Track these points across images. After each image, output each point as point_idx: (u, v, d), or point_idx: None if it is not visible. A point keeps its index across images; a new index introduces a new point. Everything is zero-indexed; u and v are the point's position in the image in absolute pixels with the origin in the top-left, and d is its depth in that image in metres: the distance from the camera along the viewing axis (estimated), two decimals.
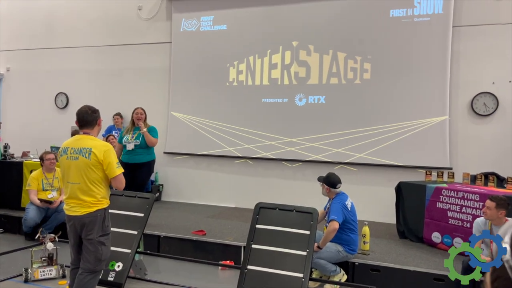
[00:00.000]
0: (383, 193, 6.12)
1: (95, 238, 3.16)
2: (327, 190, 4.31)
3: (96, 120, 3.30)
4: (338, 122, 6.56)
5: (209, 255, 4.89)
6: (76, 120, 3.29)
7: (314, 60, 6.73)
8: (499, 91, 5.86)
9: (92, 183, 3.15)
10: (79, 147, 3.16)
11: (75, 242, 3.27)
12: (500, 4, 5.88)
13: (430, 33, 6.11)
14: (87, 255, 3.18)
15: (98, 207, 3.17)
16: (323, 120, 6.64)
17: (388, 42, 6.34)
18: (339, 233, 4.13)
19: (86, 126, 3.26)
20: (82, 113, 3.25)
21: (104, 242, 3.22)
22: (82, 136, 3.24)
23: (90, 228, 3.15)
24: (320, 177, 4.44)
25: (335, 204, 4.19)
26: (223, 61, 7.28)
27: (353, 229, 4.23)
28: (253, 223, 3.93)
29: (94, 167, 3.13)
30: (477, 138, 5.97)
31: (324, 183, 4.34)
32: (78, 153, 3.15)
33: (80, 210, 3.15)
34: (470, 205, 4.59)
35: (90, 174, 3.13)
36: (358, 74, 6.51)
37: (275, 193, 6.68)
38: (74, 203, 3.17)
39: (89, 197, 3.14)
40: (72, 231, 3.24)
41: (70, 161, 3.16)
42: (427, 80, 6.12)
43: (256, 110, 7.04)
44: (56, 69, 8.61)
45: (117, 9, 8.05)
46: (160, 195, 7.55)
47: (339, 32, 6.60)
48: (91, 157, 3.11)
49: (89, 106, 3.30)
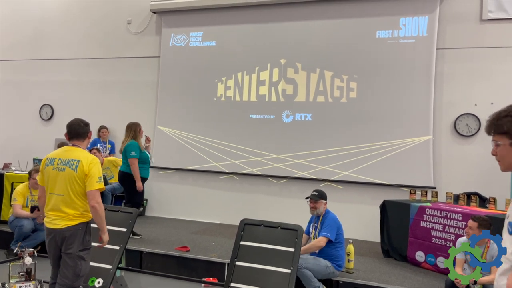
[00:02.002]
0: (368, 211, 6.14)
1: (74, 253, 3.09)
2: (325, 204, 4.35)
3: (87, 133, 3.28)
4: (324, 140, 6.60)
5: (192, 272, 4.82)
6: (66, 132, 3.25)
7: (302, 78, 6.80)
8: (481, 112, 5.99)
9: (76, 196, 3.09)
10: (67, 158, 3.13)
11: (54, 256, 3.19)
12: (482, 28, 6.05)
13: (414, 54, 6.25)
14: (66, 270, 3.10)
15: (80, 221, 3.11)
16: (310, 137, 6.68)
17: (374, 62, 6.45)
18: (329, 249, 4.16)
19: (76, 138, 3.23)
20: (74, 125, 3.23)
21: (84, 257, 3.15)
22: (72, 148, 3.20)
23: (71, 241, 3.08)
24: (313, 195, 4.37)
25: (330, 220, 4.23)
26: (211, 77, 7.32)
27: (341, 244, 4.30)
28: (237, 240, 3.90)
29: (79, 180, 3.08)
30: (460, 158, 6.07)
31: (322, 199, 4.33)
32: (65, 164, 3.11)
33: (61, 223, 3.08)
34: (453, 224, 4.63)
35: (74, 186, 3.08)
36: (345, 93, 6.59)
37: (260, 210, 6.66)
38: (55, 216, 3.10)
39: (72, 210, 3.09)
40: (52, 245, 3.16)
41: (56, 172, 3.11)
42: (411, 100, 6.22)
43: (243, 126, 7.06)
44: (43, 81, 8.54)
45: (107, 23, 8.06)
46: (144, 210, 7.45)
47: (326, 51, 6.70)
48: (77, 169, 3.07)
49: (81, 119, 3.28)
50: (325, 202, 4.36)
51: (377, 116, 6.38)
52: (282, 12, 6.94)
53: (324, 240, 4.13)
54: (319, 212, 4.36)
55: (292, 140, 6.76)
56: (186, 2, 7.37)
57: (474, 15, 6.09)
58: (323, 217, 4.31)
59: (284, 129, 6.83)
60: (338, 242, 4.24)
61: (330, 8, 6.69)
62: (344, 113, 6.56)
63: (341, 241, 4.28)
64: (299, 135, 6.73)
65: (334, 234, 4.16)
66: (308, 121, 6.73)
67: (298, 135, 6.74)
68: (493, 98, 5.91)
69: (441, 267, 4.68)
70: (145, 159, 5.49)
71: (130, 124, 5.55)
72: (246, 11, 7.13)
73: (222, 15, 7.28)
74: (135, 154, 5.30)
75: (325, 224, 4.22)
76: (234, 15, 7.21)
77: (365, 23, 6.51)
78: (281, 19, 6.94)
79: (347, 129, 6.51)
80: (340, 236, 4.28)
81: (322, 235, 4.14)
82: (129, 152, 5.33)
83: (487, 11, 5.99)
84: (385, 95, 6.36)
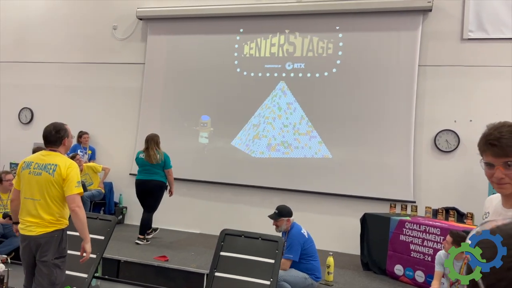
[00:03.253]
0: (348, 224, 6.16)
1: (50, 260, 3.00)
2: (288, 221, 4.30)
3: (61, 140, 3.16)
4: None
5: (171, 282, 4.75)
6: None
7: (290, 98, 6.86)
8: (461, 129, 6.11)
9: (53, 201, 3.02)
10: (44, 162, 3.07)
11: (29, 264, 3.10)
12: (463, 47, 6.21)
13: (397, 70, 6.35)
14: (40, 278, 3.01)
15: (55, 227, 3.03)
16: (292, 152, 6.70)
17: (357, 76, 6.53)
18: (301, 264, 4.16)
19: (50, 145, 3.16)
20: (45, 132, 3.15)
21: (60, 265, 3.07)
22: (49, 153, 3.14)
23: (46, 249, 3.00)
24: (272, 215, 4.36)
25: (291, 239, 4.19)
26: (195, 85, 7.29)
27: (314, 256, 4.25)
28: (217, 250, 3.86)
29: (56, 184, 3.02)
30: (439, 174, 6.17)
31: (282, 216, 4.29)
32: (42, 168, 3.04)
33: (36, 230, 2.99)
34: (431, 238, 4.69)
35: (51, 191, 3.01)
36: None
37: (242, 220, 6.62)
38: (30, 222, 3.01)
39: (48, 215, 3.01)
40: (26, 252, 3.07)
41: (32, 176, 3.04)
42: (393, 116, 6.31)
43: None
44: (23, 84, 8.37)
45: (92, 27, 7.98)
46: (123, 217, 7.32)
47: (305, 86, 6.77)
48: (54, 174, 3.01)
49: (54, 125, 3.17)
50: (287, 219, 4.30)
51: (360, 130, 6.44)
52: (267, 24, 6.99)
53: (287, 263, 4.11)
54: (282, 229, 4.33)
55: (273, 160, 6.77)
56: (173, 10, 7.36)
57: (455, 34, 6.25)
58: (288, 234, 4.30)
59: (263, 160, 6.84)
60: (309, 256, 4.20)
61: (309, 23, 6.76)
62: (324, 125, 6.60)
63: (311, 254, 4.24)
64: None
65: (297, 254, 4.13)
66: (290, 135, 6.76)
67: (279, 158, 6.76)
68: (472, 115, 6.05)
69: (420, 281, 4.72)
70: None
71: (152, 136, 5.86)
72: (232, 21, 7.16)
73: (208, 24, 7.29)
74: (172, 165, 5.86)
75: (287, 243, 4.19)
76: (220, 24, 7.23)
77: (348, 37, 6.60)
78: (269, 31, 6.98)
79: (328, 139, 6.56)
80: (310, 249, 4.23)
81: (284, 257, 4.06)
82: (168, 163, 5.81)
83: (468, 31, 6.16)
84: (368, 109, 6.44)
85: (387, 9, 6.37)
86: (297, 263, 4.18)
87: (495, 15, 6.04)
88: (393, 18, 6.42)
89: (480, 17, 6.11)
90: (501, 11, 6.03)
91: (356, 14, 6.54)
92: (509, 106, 5.93)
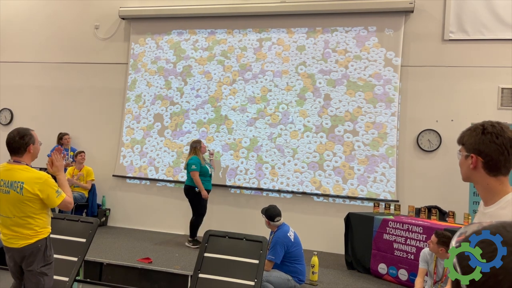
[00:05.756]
0: (332, 224, 6.20)
1: (36, 270, 2.87)
2: (267, 223, 4.37)
3: (25, 146, 2.82)
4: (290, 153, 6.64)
5: (154, 284, 4.70)
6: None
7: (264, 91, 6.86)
8: (442, 128, 6.20)
9: (29, 217, 2.80)
10: (9, 180, 2.78)
11: (16, 272, 2.97)
12: (444, 47, 6.30)
13: (380, 70, 6.41)
14: (29, 286, 2.92)
15: (38, 238, 2.86)
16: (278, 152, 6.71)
17: (339, 75, 6.58)
18: (285, 266, 4.17)
19: (13, 153, 2.83)
20: (9, 138, 2.81)
21: (47, 273, 2.93)
22: (13, 166, 2.82)
23: (31, 260, 2.85)
24: (262, 209, 4.48)
25: (274, 241, 4.21)
26: (178, 85, 7.24)
27: (299, 259, 4.25)
28: (201, 251, 3.83)
29: (28, 202, 2.77)
30: (421, 173, 6.24)
31: (264, 215, 4.37)
32: (9, 186, 2.77)
33: (18, 242, 2.82)
34: (414, 237, 4.74)
35: (25, 208, 2.78)
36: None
37: (227, 221, 6.59)
38: (10, 235, 2.84)
39: (27, 230, 2.82)
40: (12, 262, 2.94)
41: (1, 194, 2.80)
42: (376, 115, 6.37)
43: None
44: (3, 84, 8.19)
45: (73, 27, 7.85)
46: (106, 220, 7.22)
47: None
48: (23, 192, 2.75)
49: (19, 130, 2.84)
50: (266, 220, 4.37)
51: (342, 129, 6.48)
52: (252, 23, 6.98)
53: (268, 264, 4.11)
54: (267, 226, 4.44)
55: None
56: (156, 10, 7.30)
57: (436, 35, 6.33)
58: (274, 235, 4.33)
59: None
60: (293, 259, 4.21)
61: (291, 24, 6.79)
62: (306, 124, 6.62)
63: (296, 257, 4.23)
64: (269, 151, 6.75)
65: (279, 256, 4.13)
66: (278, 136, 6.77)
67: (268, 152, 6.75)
68: (453, 115, 6.14)
69: (403, 279, 4.76)
70: (205, 172, 6.00)
71: (191, 142, 6.19)
72: (216, 21, 7.14)
73: (192, 24, 7.25)
74: (195, 168, 5.87)
75: (271, 244, 4.21)
76: (204, 24, 7.20)
77: (332, 37, 6.64)
78: (250, 30, 6.97)
79: (311, 139, 6.58)
80: (295, 252, 4.22)
81: (267, 258, 4.05)
82: (190, 166, 5.92)
83: (449, 32, 6.26)
84: (350, 109, 6.47)
85: (369, 10, 6.43)
86: (280, 265, 4.18)
87: (475, 16, 6.15)
88: (375, 18, 6.48)
89: (461, 19, 6.21)
90: (481, 13, 6.14)
91: (338, 15, 6.59)
92: (490, 105, 6.05)
